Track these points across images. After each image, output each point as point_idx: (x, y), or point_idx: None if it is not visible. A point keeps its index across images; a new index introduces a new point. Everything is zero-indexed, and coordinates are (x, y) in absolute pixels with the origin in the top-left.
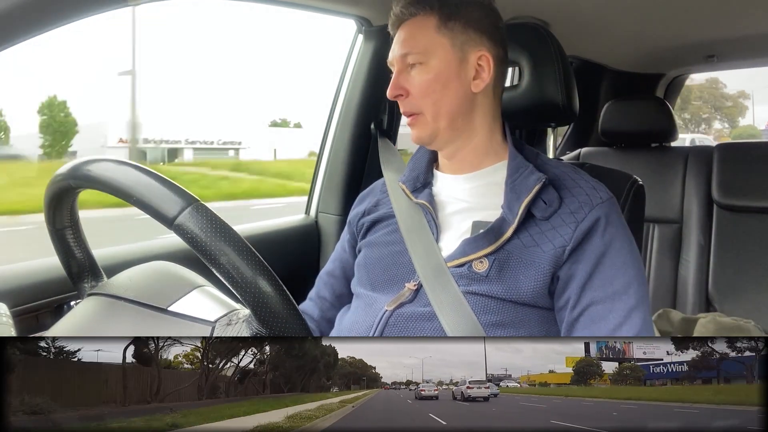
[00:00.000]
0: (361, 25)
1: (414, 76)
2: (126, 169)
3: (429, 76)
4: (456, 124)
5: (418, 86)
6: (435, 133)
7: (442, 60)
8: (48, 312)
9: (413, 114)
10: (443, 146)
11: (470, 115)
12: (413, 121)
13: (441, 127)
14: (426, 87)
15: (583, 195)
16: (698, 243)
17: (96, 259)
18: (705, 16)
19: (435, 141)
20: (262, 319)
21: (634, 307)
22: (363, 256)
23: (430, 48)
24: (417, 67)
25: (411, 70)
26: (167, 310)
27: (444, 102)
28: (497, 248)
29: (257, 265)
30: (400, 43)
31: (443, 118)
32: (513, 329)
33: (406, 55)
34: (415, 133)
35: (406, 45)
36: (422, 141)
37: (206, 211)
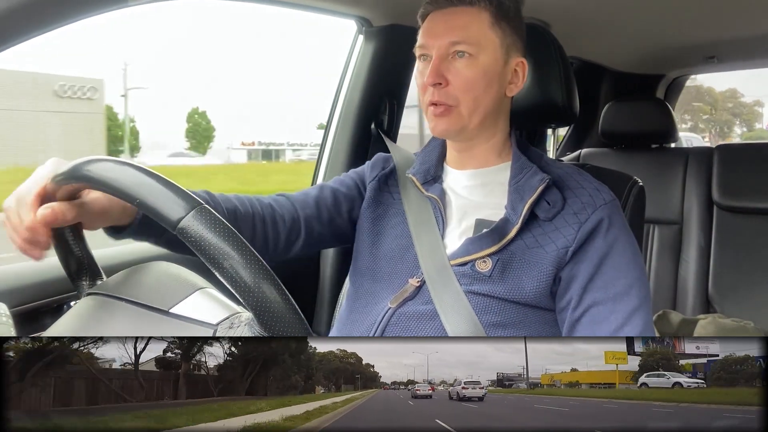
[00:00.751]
0: (362, 25)
1: (459, 67)
2: (128, 170)
3: (477, 70)
4: (486, 122)
5: (463, 79)
6: (465, 128)
7: (491, 57)
8: (48, 312)
9: (446, 105)
10: (464, 141)
11: (498, 115)
12: (444, 113)
13: (473, 124)
14: (472, 81)
15: (586, 196)
16: (698, 244)
17: (95, 259)
18: (705, 17)
19: (460, 135)
20: (264, 322)
21: (636, 309)
22: (368, 244)
23: (484, 42)
24: (465, 58)
25: (454, 61)
26: (168, 312)
27: (483, 99)
28: (500, 248)
29: (260, 269)
30: (449, 30)
31: (478, 115)
32: (514, 330)
33: (456, 43)
34: (442, 124)
35: (458, 33)
36: (448, 134)
37: (210, 215)
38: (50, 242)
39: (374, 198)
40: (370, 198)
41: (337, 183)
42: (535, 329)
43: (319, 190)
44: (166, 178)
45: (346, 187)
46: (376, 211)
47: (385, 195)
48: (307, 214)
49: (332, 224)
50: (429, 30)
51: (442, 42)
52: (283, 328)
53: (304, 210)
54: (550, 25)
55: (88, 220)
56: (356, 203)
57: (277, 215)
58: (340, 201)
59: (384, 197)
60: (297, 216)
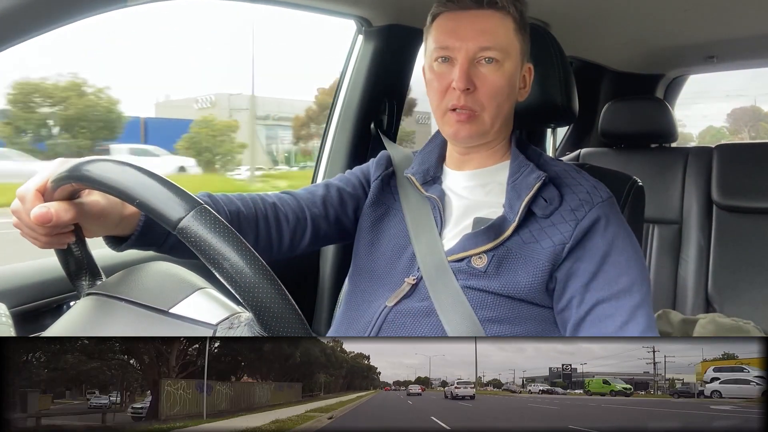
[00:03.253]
0: (362, 25)
1: (486, 73)
2: (128, 171)
3: (503, 77)
4: (501, 126)
5: (490, 85)
6: (486, 134)
7: (514, 64)
8: (47, 312)
9: (471, 111)
10: (477, 143)
11: (509, 119)
12: (467, 118)
13: (494, 129)
14: (498, 88)
15: (583, 193)
16: (698, 243)
17: (95, 259)
18: (705, 17)
19: (480, 140)
20: (264, 322)
21: (638, 305)
22: (367, 243)
23: (510, 49)
24: (492, 64)
25: (481, 66)
26: (168, 312)
27: (505, 106)
28: (497, 245)
29: (260, 270)
30: (479, 33)
31: (499, 121)
32: (509, 326)
33: (486, 49)
34: (465, 130)
35: (488, 38)
36: (471, 140)
37: (209, 215)
38: (62, 238)
39: (376, 197)
40: (373, 197)
41: (342, 182)
42: (530, 326)
43: (326, 189)
44: (166, 179)
45: (352, 187)
46: (377, 211)
47: (387, 195)
48: (314, 213)
49: (338, 223)
50: (453, 31)
51: (471, 45)
52: (282, 328)
53: (311, 209)
54: (550, 25)
55: (86, 222)
56: (361, 202)
57: (281, 214)
58: (346, 200)
59: (386, 197)
60: (303, 214)
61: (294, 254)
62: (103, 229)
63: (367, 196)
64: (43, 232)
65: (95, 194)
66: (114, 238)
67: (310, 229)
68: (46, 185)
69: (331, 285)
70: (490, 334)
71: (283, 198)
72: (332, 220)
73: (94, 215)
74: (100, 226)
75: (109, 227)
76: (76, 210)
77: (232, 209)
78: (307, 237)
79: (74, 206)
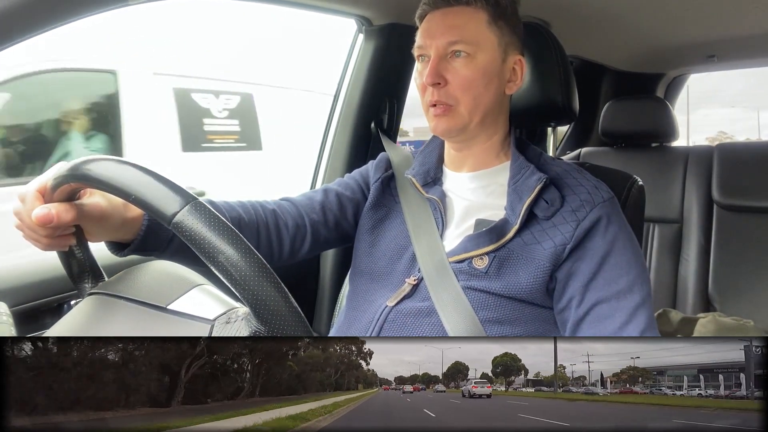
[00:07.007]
0: (362, 24)
1: (457, 67)
2: (125, 168)
3: (475, 70)
4: (486, 121)
5: (462, 78)
6: (465, 127)
7: (489, 56)
8: (48, 311)
9: (446, 105)
10: (465, 140)
11: (498, 114)
12: (444, 112)
13: (474, 122)
14: (471, 80)
15: (584, 194)
16: (698, 243)
17: (96, 259)
18: (705, 16)
19: (461, 134)
20: (261, 317)
21: (639, 306)
22: (368, 244)
23: (482, 42)
24: (463, 58)
25: (452, 60)
26: (166, 308)
27: (483, 98)
28: (498, 247)
29: (256, 263)
30: (447, 30)
31: (478, 114)
32: (510, 326)
33: (454, 43)
34: (443, 124)
35: (456, 33)
36: (450, 133)
37: (204, 209)
38: (64, 240)
39: (377, 199)
40: (373, 199)
41: (341, 186)
42: (531, 326)
43: (324, 195)
44: (162, 174)
45: (351, 191)
46: (378, 213)
47: (387, 197)
48: (313, 220)
49: (338, 228)
50: (426, 30)
51: (440, 42)
52: (280, 322)
53: (310, 215)
54: (550, 24)
55: (87, 223)
56: (360, 206)
57: (281, 221)
58: (345, 205)
59: (386, 199)
60: (302, 221)
61: (294, 261)
62: (104, 232)
63: (366, 199)
64: (44, 233)
65: (96, 196)
66: (116, 243)
67: (309, 235)
68: (46, 187)
69: (331, 285)
70: (490, 334)
71: (283, 205)
72: (332, 225)
73: (95, 217)
74: (101, 228)
75: (111, 230)
76: (77, 211)
77: (234, 216)
78: (307, 244)
79: (75, 207)
